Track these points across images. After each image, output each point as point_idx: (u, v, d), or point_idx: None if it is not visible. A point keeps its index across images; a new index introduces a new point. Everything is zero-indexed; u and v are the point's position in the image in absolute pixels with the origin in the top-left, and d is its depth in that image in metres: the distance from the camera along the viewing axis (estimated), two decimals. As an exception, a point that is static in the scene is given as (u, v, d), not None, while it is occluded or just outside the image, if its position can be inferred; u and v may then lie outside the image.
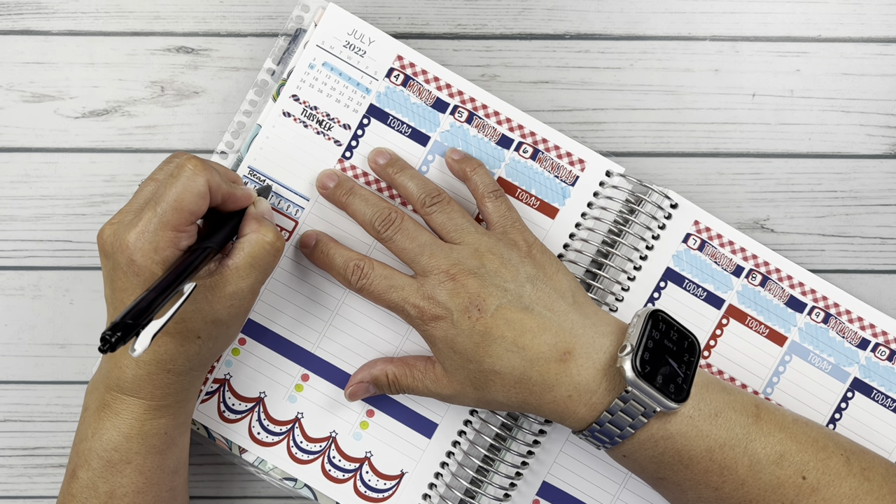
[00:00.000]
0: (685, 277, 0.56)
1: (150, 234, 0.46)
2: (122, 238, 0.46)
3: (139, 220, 0.46)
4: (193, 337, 0.48)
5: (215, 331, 0.49)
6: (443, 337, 0.50)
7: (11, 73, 0.58)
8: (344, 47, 0.56)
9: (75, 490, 0.50)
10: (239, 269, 0.48)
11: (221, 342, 0.50)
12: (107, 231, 0.48)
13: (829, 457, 0.50)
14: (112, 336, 0.40)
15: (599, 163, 0.56)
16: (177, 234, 0.46)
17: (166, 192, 0.46)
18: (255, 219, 0.50)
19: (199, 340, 0.48)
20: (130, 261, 0.46)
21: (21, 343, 0.59)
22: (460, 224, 0.52)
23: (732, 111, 0.58)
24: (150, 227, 0.46)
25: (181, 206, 0.46)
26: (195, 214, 0.47)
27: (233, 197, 0.50)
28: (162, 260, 0.46)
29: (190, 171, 0.47)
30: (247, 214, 0.51)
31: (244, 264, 0.48)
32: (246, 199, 0.51)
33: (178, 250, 0.47)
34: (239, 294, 0.48)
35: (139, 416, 0.49)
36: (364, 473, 0.57)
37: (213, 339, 0.49)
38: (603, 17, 0.58)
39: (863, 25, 0.58)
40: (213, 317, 0.48)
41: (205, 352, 0.49)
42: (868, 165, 0.59)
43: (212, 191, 0.47)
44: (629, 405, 0.48)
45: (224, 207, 0.50)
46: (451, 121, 0.56)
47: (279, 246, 0.50)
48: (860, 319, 0.56)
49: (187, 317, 0.47)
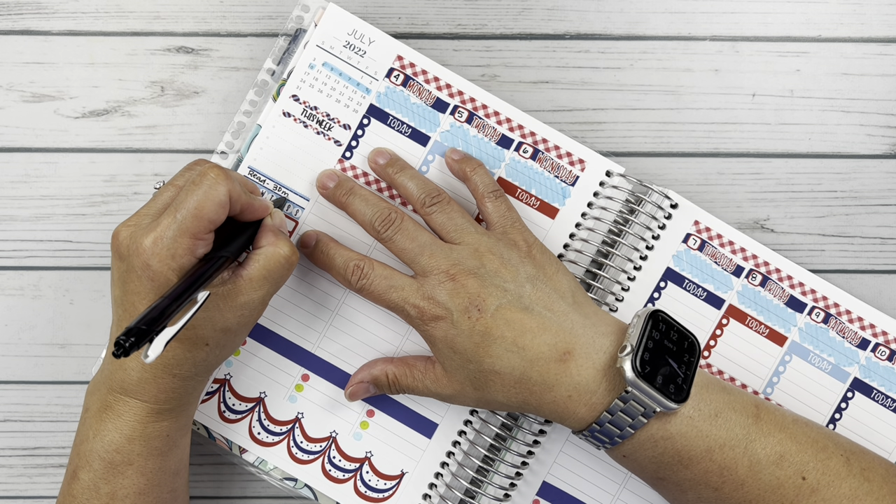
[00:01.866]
0: (685, 277, 0.56)
1: (169, 240, 0.46)
2: (139, 241, 0.46)
3: (157, 224, 0.46)
4: (202, 344, 0.48)
5: (223, 339, 0.49)
6: (443, 337, 0.50)
7: (11, 73, 0.58)
8: (344, 47, 0.56)
9: (76, 491, 0.50)
10: (253, 281, 0.48)
11: (228, 349, 0.51)
12: (123, 233, 0.47)
13: (829, 457, 0.50)
14: (126, 341, 0.40)
15: (599, 163, 0.56)
16: (195, 242, 0.46)
17: (187, 199, 0.46)
18: (272, 231, 0.50)
19: (207, 347, 0.49)
20: (146, 265, 0.46)
21: (21, 343, 0.59)
22: (460, 224, 0.52)
23: (732, 111, 0.58)
24: (169, 232, 0.46)
25: (201, 214, 0.46)
26: (214, 223, 0.47)
27: (251, 207, 0.50)
28: (178, 267, 0.46)
29: (212, 180, 0.47)
30: (263, 226, 0.51)
31: (258, 276, 0.48)
32: (263, 209, 0.51)
33: (195, 258, 0.47)
34: (250, 304, 0.49)
35: (142, 419, 0.49)
36: (364, 473, 0.57)
37: (221, 347, 0.49)
38: (603, 17, 0.58)
39: (863, 25, 0.58)
40: (222, 325, 0.48)
41: (211, 358, 0.49)
42: (868, 165, 0.59)
43: (232, 200, 0.48)
44: (629, 405, 0.48)
45: (241, 217, 0.50)
46: (451, 121, 0.56)
47: (294, 260, 0.50)
48: (860, 319, 0.56)
49: (198, 324, 0.47)
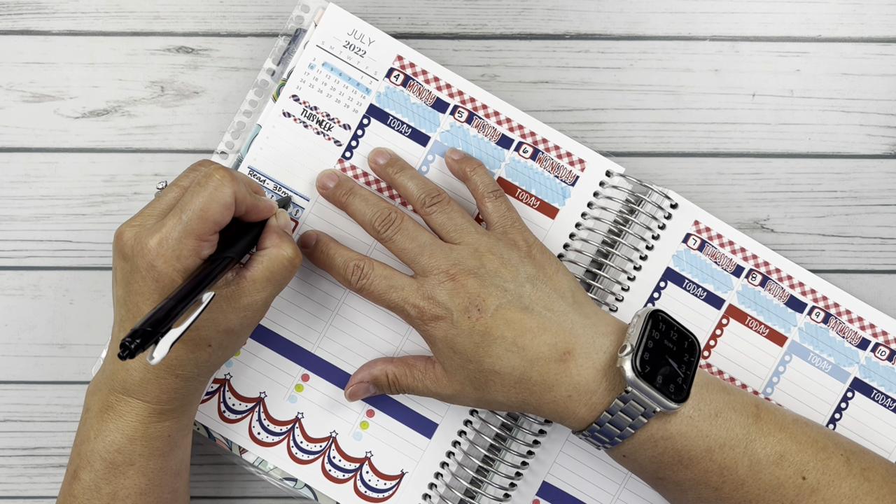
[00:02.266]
0: (685, 277, 0.56)
1: (174, 241, 0.46)
2: (144, 242, 0.46)
3: (162, 225, 0.46)
4: (205, 345, 0.48)
5: (226, 340, 0.49)
6: (443, 337, 0.50)
7: (11, 73, 0.58)
8: (344, 47, 0.56)
9: (77, 491, 0.50)
10: (256, 282, 0.48)
11: (230, 350, 0.51)
12: (127, 233, 0.47)
13: (829, 457, 0.50)
14: (132, 343, 0.40)
15: (599, 163, 0.56)
16: (200, 243, 0.46)
17: (192, 201, 0.46)
18: (276, 232, 0.50)
19: (210, 348, 0.49)
20: (151, 266, 0.46)
21: (21, 343, 0.59)
22: (460, 224, 0.52)
23: (732, 111, 0.58)
24: (174, 234, 0.46)
25: (206, 215, 0.46)
26: (219, 224, 0.47)
27: (256, 208, 0.49)
28: (183, 268, 0.46)
29: (217, 181, 0.47)
30: (267, 227, 0.51)
31: (261, 277, 0.48)
32: (268, 210, 0.51)
33: (200, 259, 0.46)
34: (253, 306, 0.49)
35: (143, 419, 0.49)
36: (364, 473, 0.57)
37: (223, 348, 0.50)
38: (603, 17, 0.58)
39: (863, 25, 0.58)
40: (225, 326, 0.48)
41: (214, 359, 0.50)
42: (868, 165, 0.59)
43: (237, 202, 0.47)
44: (629, 405, 0.48)
45: (246, 218, 0.50)
46: (451, 121, 0.56)
47: (297, 262, 0.50)
48: (860, 319, 0.56)
49: (201, 325, 0.48)
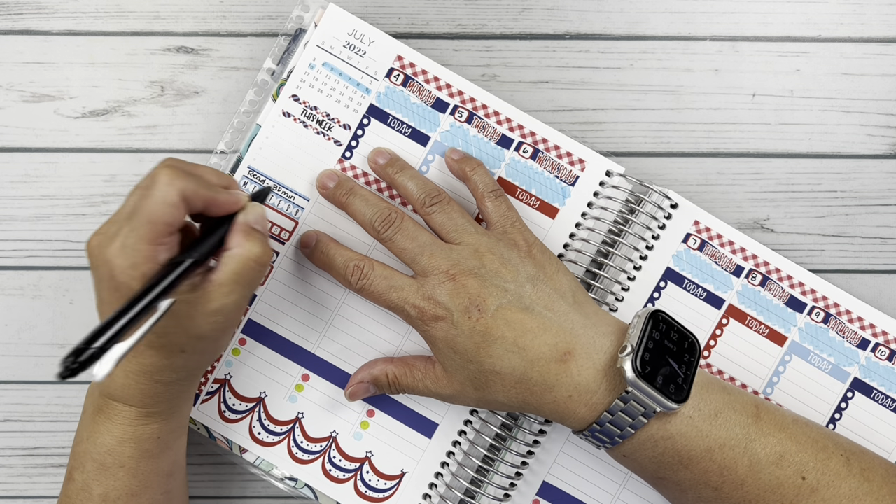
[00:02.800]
0: (685, 277, 0.56)
1: (130, 248, 0.43)
2: (104, 251, 0.44)
3: (119, 232, 0.44)
4: (177, 351, 0.46)
5: (200, 345, 0.47)
6: (443, 337, 0.50)
7: (11, 73, 0.58)
8: (344, 47, 0.56)
9: (70, 492, 0.50)
10: (223, 286, 0.46)
11: (209, 355, 0.49)
12: (93, 242, 0.45)
13: (829, 457, 0.50)
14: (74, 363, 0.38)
15: (599, 163, 0.56)
16: (154, 248, 0.44)
17: (140, 205, 0.44)
18: (242, 230, 0.47)
19: (184, 354, 0.47)
20: (111, 276, 0.44)
21: (21, 343, 0.59)
22: (460, 224, 0.52)
23: (732, 111, 0.58)
24: (129, 241, 0.43)
25: (154, 218, 0.44)
26: (171, 225, 0.44)
27: (215, 202, 0.46)
28: (140, 275, 0.43)
29: (162, 181, 0.44)
30: (233, 224, 0.47)
31: (228, 280, 0.46)
32: (231, 204, 0.47)
33: (157, 264, 0.44)
34: (223, 310, 0.46)
35: (131, 422, 0.48)
36: (364, 473, 0.57)
37: (200, 353, 0.48)
38: (603, 17, 0.58)
39: (863, 25, 0.58)
40: (196, 332, 0.46)
41: (192, 364, 0.48)
42: (868, 165, 0.59)
43: (189, 198, 0.45)
44: (629, 405, 0.48)
45: (208, 213, 0.47)
46: (451, 121, 0.56)
47: (265, 261, 0.47)
48: (860, 319, 0.56)
49: (169, 331, 0.45)
